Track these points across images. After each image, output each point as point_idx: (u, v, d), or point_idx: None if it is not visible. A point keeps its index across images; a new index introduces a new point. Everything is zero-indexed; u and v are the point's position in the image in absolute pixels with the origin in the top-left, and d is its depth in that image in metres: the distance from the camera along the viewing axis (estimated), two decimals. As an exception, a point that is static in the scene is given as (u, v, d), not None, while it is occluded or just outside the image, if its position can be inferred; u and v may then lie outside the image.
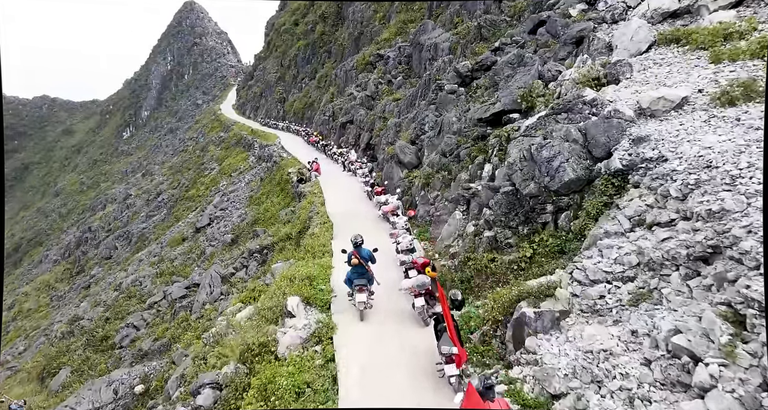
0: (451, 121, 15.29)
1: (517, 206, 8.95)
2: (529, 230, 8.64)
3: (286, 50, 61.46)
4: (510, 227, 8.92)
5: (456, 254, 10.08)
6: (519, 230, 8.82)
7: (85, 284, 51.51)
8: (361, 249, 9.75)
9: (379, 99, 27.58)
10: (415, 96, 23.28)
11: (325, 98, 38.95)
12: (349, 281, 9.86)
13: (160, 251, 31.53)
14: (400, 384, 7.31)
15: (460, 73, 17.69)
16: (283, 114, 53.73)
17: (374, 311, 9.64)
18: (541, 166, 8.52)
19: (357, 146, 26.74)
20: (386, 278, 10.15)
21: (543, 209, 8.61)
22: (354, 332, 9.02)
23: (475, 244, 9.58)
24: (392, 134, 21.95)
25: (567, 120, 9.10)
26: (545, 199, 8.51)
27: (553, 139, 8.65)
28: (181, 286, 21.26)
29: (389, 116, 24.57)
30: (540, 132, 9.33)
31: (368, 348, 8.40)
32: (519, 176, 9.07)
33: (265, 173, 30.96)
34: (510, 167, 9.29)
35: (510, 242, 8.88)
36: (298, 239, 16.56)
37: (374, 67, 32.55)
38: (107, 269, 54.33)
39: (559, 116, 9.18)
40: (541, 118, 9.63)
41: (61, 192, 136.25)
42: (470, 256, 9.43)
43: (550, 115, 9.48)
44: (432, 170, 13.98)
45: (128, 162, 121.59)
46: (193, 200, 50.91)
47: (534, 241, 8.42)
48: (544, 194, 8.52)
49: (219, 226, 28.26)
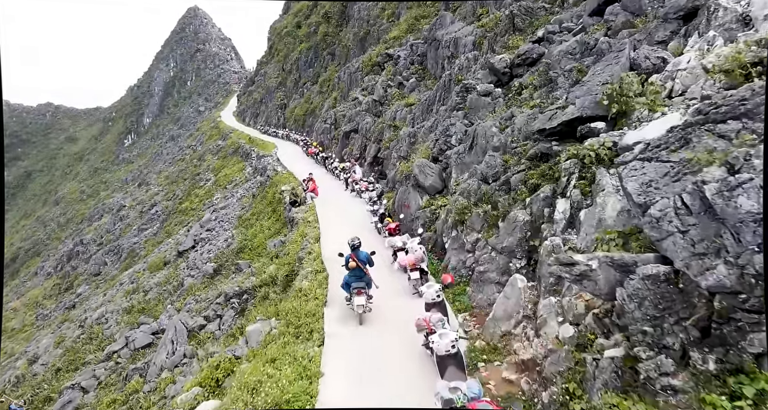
0: (488, 132, 11.27)
1: (685, 307, 4.46)
2: (719, 367, 4.06)
3: (288, 54, 57.93)
4: (667, 350, 4.39)
5: (530, 366, 5.92)
6: (691, 361, 4.26)
7: (70, 304, 47.91)
8: (358, 252, 9.52)
9: (389, 104, 23.65)
10: (432, 100, 19.33)
11: (327, 104, 35.09)
12: (346, 285, 9.50)
13: (138, 278, 27.66)
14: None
15: (495, 70, 13.72)
16: (283, 121, 50.02)
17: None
18: (741, 230, 4.10)
19: (362, 159, 22.77)
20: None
21: (753, 324, 3.97)
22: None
23: (582, 366, 5.15)
24: (406, 146, 17.98)
25: (733, 133, 5.10)
26: (754, 303, 3.99)
27: (740, 171, 4.49)
28: (147, 331, 17.32)
29: (401, 124, 20.60)
30: (689, 155, 5.17)
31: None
32: (680, 243, 4.53)
33: (258, 188, 27.10)
34: (655, 224, 4.86)
35: (673, 384, 4.33)
36: (285, 284, 12.58)
37: (382, 68, 28.66)
38: (94, 287, 50.82)
39: (720, 126, 5.17)
40: (677, 129, 5.59)
41: (60, 201, 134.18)
42: (569, 387, 4.96)
43: (693, 125, 5.46)
44: (467, 202, 9.91)
45: (129, 170, 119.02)
46: (185, 214, 47.30)
47: (733, 389, 3.95)
48: (750, 288, 3.99)
49: (203, 251, 24.37)
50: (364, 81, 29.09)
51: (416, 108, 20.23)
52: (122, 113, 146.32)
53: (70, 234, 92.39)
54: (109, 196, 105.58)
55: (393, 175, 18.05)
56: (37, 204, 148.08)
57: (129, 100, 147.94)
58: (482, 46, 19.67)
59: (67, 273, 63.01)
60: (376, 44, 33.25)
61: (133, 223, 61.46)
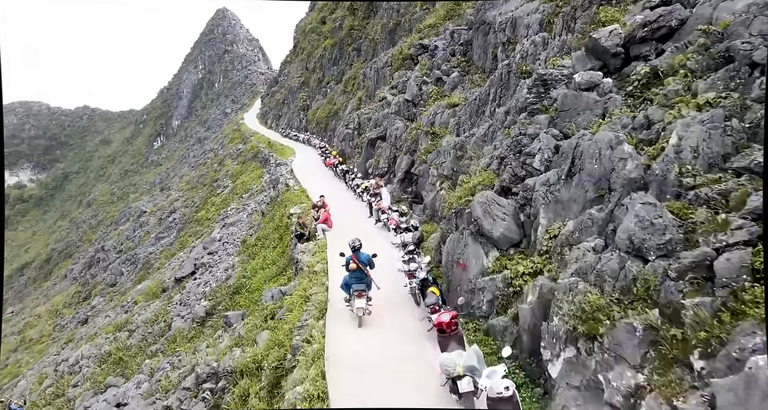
0: (608, 151, 6.44)
1: None
2: None
3: (312, 51, 54.02)
4: None
5: None
6: None
7: (82, 318, 45.64)
8: (359, 253, 9.32)
9: (425, 105, 18.97)
10: (483, 99, 14.52)
11: (350, 105, 30.64)
12: (346, 287, 9.26)
13: (132, 306, 24.05)
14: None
15: (599, 51, 8.85)
16: (305, 124, 46.07)
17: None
18: None
19: (391, 174, 18.18)
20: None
21: None
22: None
23: None
24: (450, 162, 13.26)
25: None
26: None
27: None
28: (111, 403, 13.34)
29: (442, 131, 15.88)
30: None
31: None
32: None
33: (268, 205, 22.97)
34: None
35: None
36: (273, 383, 8.13)
37: (415, 62, 23.95)
38: (108, 299, 48.53)
39: None
40: None
41: (92, 202, 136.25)
42: None
43: None
44: (598, 295, 5.11)
45: (157, 173, 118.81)
46: (200, 224, 44.16)
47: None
48: None
49: (201, 281, 20.46)
50: (393, 78, 24.49)
51: (462, 110, 15.48)
52: (152, 116, 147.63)
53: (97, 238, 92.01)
54: (136, 199, 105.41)
55: (432, 200, 13.34)
56: (72, 205, 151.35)
57: (159, 102, 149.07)
58: (553, 26, 14.70)
59: (87, 281, 61.50)
60: (407, 35, 28.56)
61: (152, 230, 59.18)
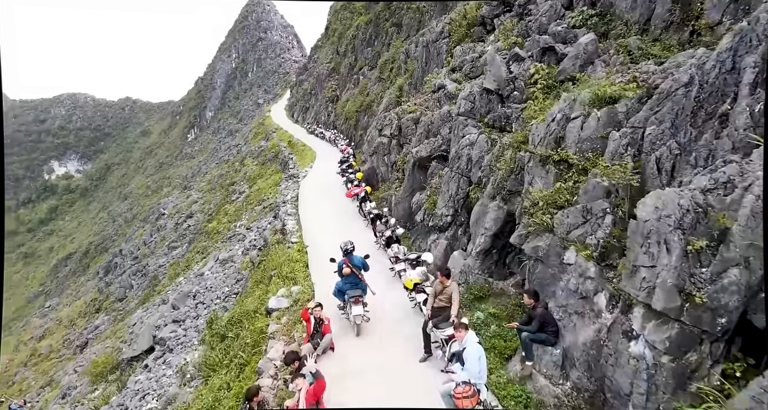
0: None
1: None
2: None
3: (343, 32, 45.78)
4: None
5: None
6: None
7: (82, 342, 40.57)
8: (352, 257, 8.91)
9: (524, 99, 10.35)
10: (715, 83, 5.79)
11: (387, 97, 22.18)
12: (340, 293, 8.85)
13: (78, 386, 17.21)
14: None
15: None
16: (333, 119, 38.12)
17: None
18: None
19: (460, 232, 9.78)
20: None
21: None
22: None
23: None
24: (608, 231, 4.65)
25: None
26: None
27: None
28: None
29: (579, 158, 7.25)
30: None
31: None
32: None
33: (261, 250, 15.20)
34: None
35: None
36: None
37: (489, 28, 15.26)
38: (113, 318, 43.24)
39: None
40: None
41: (129, 195, 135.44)
42: None
43: None
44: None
45: (189, 166, 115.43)
46: (210, 237, 37.63)
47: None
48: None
49: (152, 375, 13.09)
50: (452, 56, 15.88)
51: (633, 106, 6.79)
52: (187, 107, 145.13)
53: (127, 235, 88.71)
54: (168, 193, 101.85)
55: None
56: (113, 197, 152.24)
57: (194, 93, 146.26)
58: None
59: (102, 289, 57.29)
60: (469, -4, 19.70)
61: (168, 236, 53.86)
